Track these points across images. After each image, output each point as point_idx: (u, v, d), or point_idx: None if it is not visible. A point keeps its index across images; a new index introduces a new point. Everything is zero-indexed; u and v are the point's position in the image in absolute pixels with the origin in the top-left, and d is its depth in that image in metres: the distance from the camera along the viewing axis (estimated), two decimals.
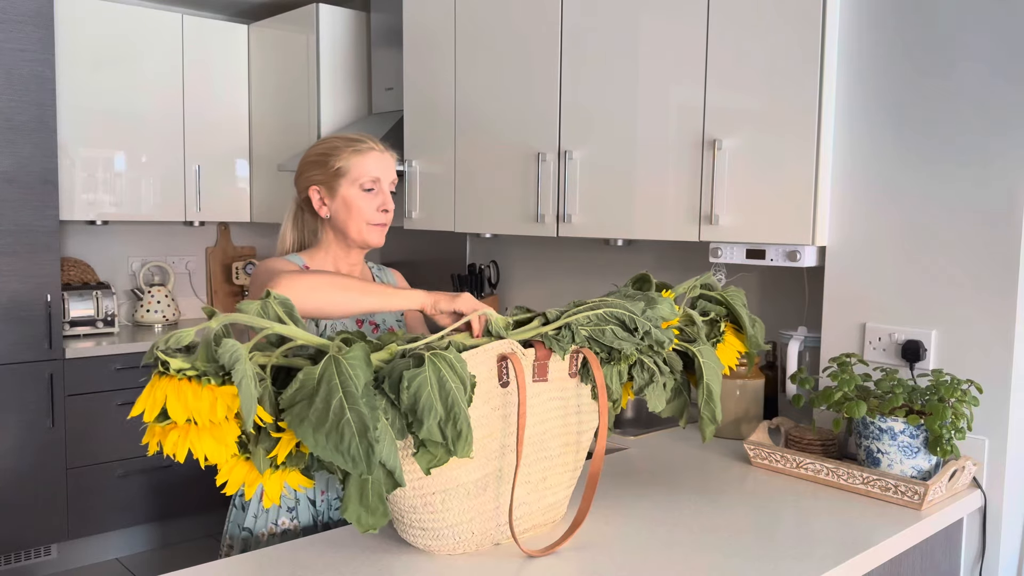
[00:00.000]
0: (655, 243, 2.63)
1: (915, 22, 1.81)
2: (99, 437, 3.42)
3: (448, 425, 1.15)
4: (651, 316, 1.37)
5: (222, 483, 1.17)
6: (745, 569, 1.31)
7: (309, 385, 1.11)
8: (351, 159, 1.64)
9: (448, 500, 1.29)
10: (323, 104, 3.64)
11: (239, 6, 4.04)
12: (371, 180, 1.65)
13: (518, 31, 2.60)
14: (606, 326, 1.35)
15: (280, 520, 1.56)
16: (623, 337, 1.35)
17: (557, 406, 1.38)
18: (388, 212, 1.67)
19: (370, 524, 1.17)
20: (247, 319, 1.17)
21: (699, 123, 2.13)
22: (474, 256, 3.38)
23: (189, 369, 1.07)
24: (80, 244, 3.93)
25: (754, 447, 1.86)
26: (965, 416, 1.65)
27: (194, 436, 1.08)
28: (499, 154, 2.68)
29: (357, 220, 1.65)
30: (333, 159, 1.65)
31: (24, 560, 3.32)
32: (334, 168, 1.64)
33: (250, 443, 1.17)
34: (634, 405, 2.56)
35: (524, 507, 1.37)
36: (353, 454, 1.09)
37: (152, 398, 1.06)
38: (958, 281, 1.78)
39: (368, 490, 1.17)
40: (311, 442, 1.10)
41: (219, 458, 1.11)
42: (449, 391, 1.15)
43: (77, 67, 3.55)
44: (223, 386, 1.08)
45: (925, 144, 1.81)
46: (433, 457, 1.19)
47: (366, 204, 1.65)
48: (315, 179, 1.67)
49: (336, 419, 1.09)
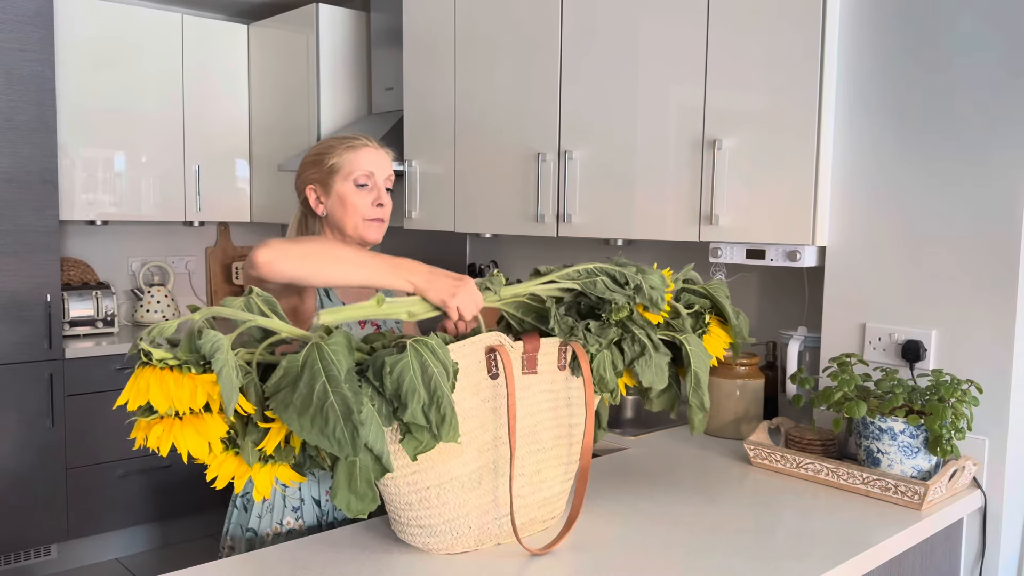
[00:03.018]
0: (655, 243, 2.63)
1: (915, 21, 1.81)
2: (99, 437, 3.42)
3: (432, 409, 1.16)
4: (636, 276, 1.40)
5: (212, 478, 1.19)
6: (745, 569, 1.31)
7: (292, 372, 1.14)
8: (344, 155, 1.65)
9: (444, 494, 1.30)
10: (323, 104, 3.64)
11: (239, 6, 4.04)
12: (364, 175, 1.65)
13: (518, 31, 2.60)
14: (596, 278, 1.37)
15: (285, 520, 1.56)
16: (613, 288, 1.37)
17: (547, 399, 1.40)
18: (384, 207, 1.67)
19: (359, 509, 1.19)
20: (230, 312, 1.19)
21: (699, 123, 2.13)
22: (474, 256, 3.38)
23: (171, 359, 1.10)
24: (80, 244, 3.93)
25: (754, 447, 1.86)
26: (965, 416, 1.65)
27: (177, 430, 1.11)
28: (499, 154, 2.68)
29: (353, 216, 1.65)
30: (327, 157, 1.66)
31: (24, 560, 3.32)
32: (328, 165, 1.65)
33: (239, 437, 1.19)
34: (634, 405, 2.56)
35: (519, 500, 1.37)
36: (339, 437, 1.11)
37: (136, 388, 1.10)
38: (958, 281, 1.78)
39: (356, 475, 1.18)
40: (296, 427, 1.12)
41: (200, 452, 1.13)
42: (432, 375, 1.16)
43: (77, 67, 3.55)
44: (203, 375, 1.11)
45: (925, 144, 1.81)
46: (419, 443, 1.20)
47: (360, 199, 1.65)
48: (311, 178, 1.67)
49: (320, 403, 1.11)
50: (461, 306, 1.31)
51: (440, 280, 1.32)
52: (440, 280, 1.32)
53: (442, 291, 1.31)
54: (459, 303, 1.31)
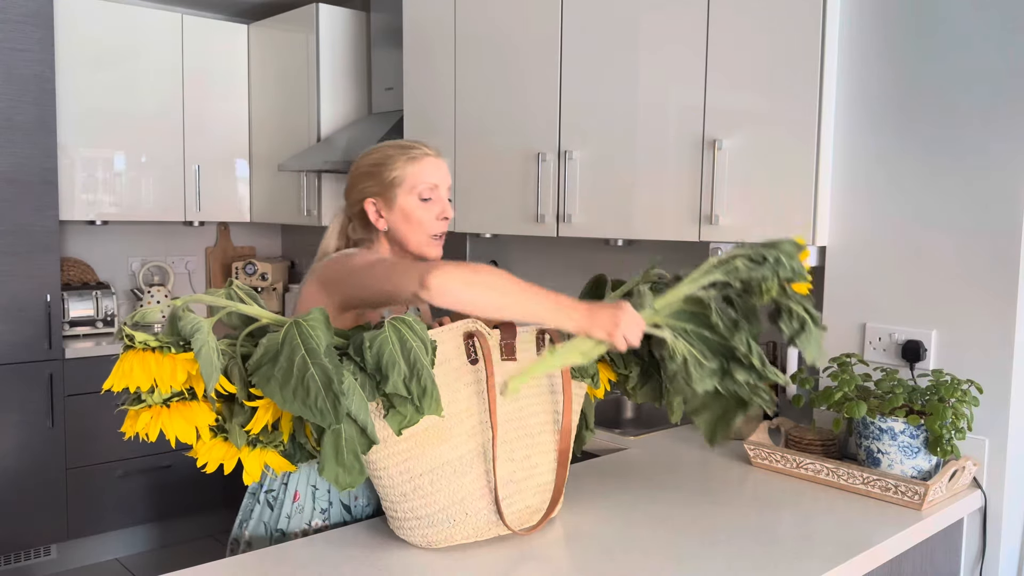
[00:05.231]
0: (655, 243, 2.63)
1: (915, 22, 1.81)
2: (99, 437, 3.42)
3: (412, 381, 1.19)
4: (772, 252, 1.36)
5: (202, 464, 1.22)
6: (745, 569, 1.31)
7: (273, 348, 1.18)
8: (406, 168, 1.57)
9: (436, 480, 1.32)
10: (323, 104, 3.64)
11: (239, 6, 4.04)
12: (429, 188, 1.58)
13: (518, 31, 2.60)
14: (735, 261, 1.34)
15: (313, 522, 1.54)
16: (753, 268, 1.33)
17: (531, 386, 1.42)
18: (448, 219, 1.61)
19: (348, 482, 1.21)
20: (211, 299, 1.24)
21: (699, 123, 2.13)
22: (474, 256, 3.38)
23: (152, 340, 1.15)
24: (80, 244, 3.93)
25: (754, 447, 1.86)
26: (965, 416, 1.65)
27: (165, 417, 1.16)
28: (499, 154, 2.68)
29: (418, 232, 1.58)
30: (387, 169, 1.58)
31: (24, 560, 3.32)
32: (389, 178, 1.57)
33: (226, 421, 1.23)
34: (634, 405, 2.56)
35: (512, 485, 1.38)
36: (320, 407, 1.14)
37: (120, 371, 1.15)
38: (958, 281, 1.78)
39: (343, 447, 1.20)
40: (279, 399, 1.15)
41: (188, 438, 1.18)
42: (411, 349, 1.19)
43: (77, 67, 3.55)
44: (183, 353, 1.16)
45: (926, 143, 1.81)
46: (403, 416, 1.22)
47: (426, 214, 1.58)
48: (370, 191, 1.59)
49: (300, 374, 1.15)
50: (628, 334, 1.29)
51: (600, 314, 1.30)
52: (600, 314, 1.30)
53: (606, 325, 1.29)
54: (625, 332, 1.29)
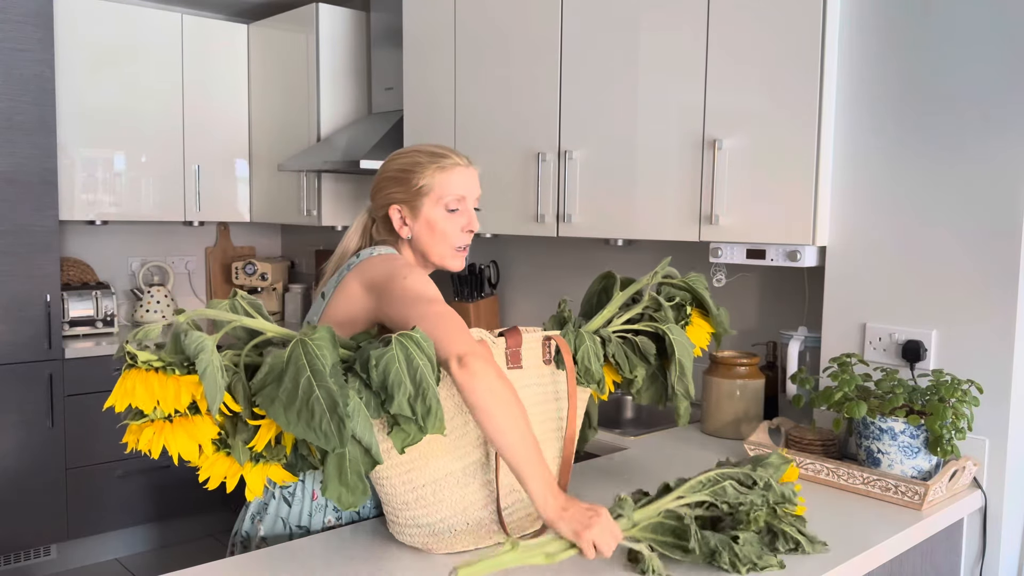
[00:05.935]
0: (655, 243, 2.62)
1: (915, 22, 1.81)
2: (99, 437, 3.42)
3: (418, 401, 1.18)
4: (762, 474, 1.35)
5: (204, 479, 1.20)
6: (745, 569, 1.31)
7: (278, 367, 1.15)
8: (435, 176, 1.53)
9: (439, 491, 1.31)
10: (323, 104, 3.64)
11: (239, 6, 4.04)
12: (456, 199, 1.53)
13: (518, 31, 2.60)
14: (724, 483, 1.32)
15: (327, 519, 1.51)
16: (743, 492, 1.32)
17: (535, 392, 1.42)
18: (473, 231, 1.57)
19: (351, 502, 1.20)
20: (215, 314, 1.21)
21: (699, 123, 2.13)
22: (474, 256, 3.38)
23: (155, 360, 1.12)
24: (80, 244, 3.93)
25: (754, 447, 1.86)
26: (965, 416, 1.64)
27: (168, 433, 1.13)
28: (499, 154, 2.68)
29: (441, 244, 1.54)
30: (416, 176, 1.53)
31: (24, 560, 3.32)
32: (417, 186, 1.53)
33: (229, 437, 1.20)
34: (634, 405, 2.56)
35: (515, 494, 1.39)
36: (325, 430, 1.12)
37: (123, 390, 1.12)
38: (958, 281, 1.78)
39: (346, 468, 1.19)
40: (283, 421, 1.13)
41: (191, 454, 1.15)
42: (417, 368, 1.18)
43: (77, 67, 3.54)
44: (187, 375, 1.13)
45: (926, 143, 1.81)
46: (407, 435, 1.21)
47: (451, 226, 1.54)
48: (395, 197, 1.55)
49: (305, 396, 1.13)
50: (597, 540, 1.20)
51: (573, 511, 1.22)
52: (573, 511, 1.22)
53: (575, 524, 1.20)
54: (595, 536, 1.19)
